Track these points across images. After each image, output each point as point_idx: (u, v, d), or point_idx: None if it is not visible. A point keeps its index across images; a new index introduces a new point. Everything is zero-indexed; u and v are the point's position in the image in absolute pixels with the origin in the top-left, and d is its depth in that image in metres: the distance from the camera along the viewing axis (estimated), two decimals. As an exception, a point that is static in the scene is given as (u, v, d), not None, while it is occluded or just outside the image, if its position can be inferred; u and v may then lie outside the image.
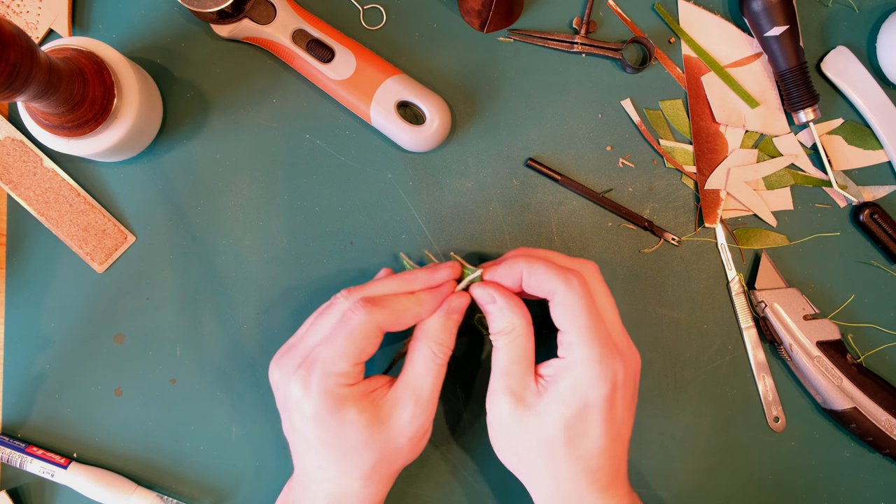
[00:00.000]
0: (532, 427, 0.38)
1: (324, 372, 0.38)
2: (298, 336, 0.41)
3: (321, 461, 0.39)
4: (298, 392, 0.38)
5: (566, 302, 0.38)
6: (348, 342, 0.38)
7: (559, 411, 0.38)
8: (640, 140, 0.51)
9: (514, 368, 0.39)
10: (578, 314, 0.38)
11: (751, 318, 0.50)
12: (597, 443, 0.38)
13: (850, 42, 0.51)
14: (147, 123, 0.47)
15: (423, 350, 0.40)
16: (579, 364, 0.38)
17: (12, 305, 0.49)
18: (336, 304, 0.40)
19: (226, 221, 0.50)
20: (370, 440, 0.38)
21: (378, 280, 0.41)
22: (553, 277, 0.39)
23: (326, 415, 0.38)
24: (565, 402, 0.38)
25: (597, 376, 0.37)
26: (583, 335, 0.38)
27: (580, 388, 0.37)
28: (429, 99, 0.47)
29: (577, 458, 0.38)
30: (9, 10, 0.49)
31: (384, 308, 0.38)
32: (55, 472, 0.47)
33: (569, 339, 0.38)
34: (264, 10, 0.48)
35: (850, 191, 0.51)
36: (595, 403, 0.38)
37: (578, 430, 0.38)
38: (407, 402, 0.39)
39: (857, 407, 0.48)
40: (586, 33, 0.50)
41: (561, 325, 0.39)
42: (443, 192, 0.50)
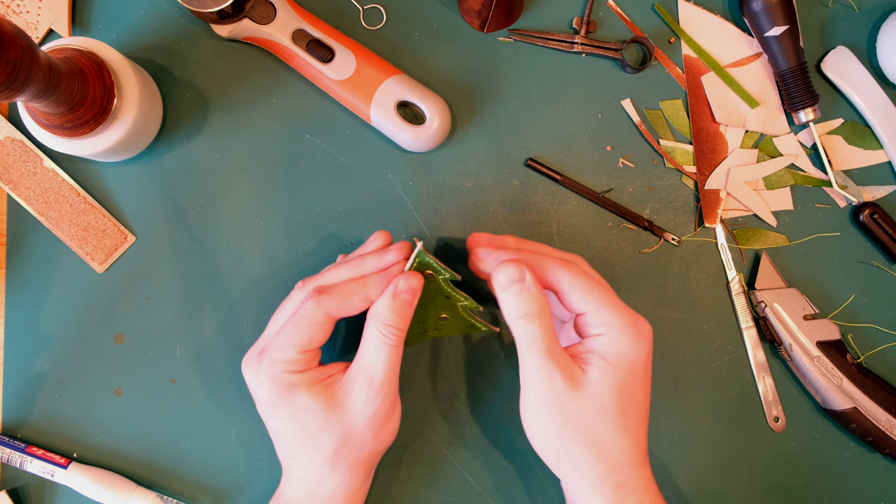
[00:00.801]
0: (589, 402, 0.38)
1: (271, 360, 0.39)
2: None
3: (288, 448, 0.41)
4: (251, 380, 0.40)
5: (577, 285, 0.39)
6: (294, 331, 0.39)
7: (612, 379, 0.38)
8: (640, 140, 0.51)
9: (556, 348, 0.38)
10: (595, 292, 0.39)
11: (751, 318, 0.50)
12: (642, 409, 0.39)
13: (850, 42, 0.51)
14: (147, 123, 0.47)
15: (372, 332, 0.39)
16: (616, 332, 0.38)
17: (12, 305, 0.49)
18: (291, 297, 0.42)
19: (226, 221, 0.50)
20: (327, 424, 0.39)
21: (331, 268, 0.42)
22: (556, 267, 0.40)
23: (278, 401, 0.39)
24: (615, 369, 0.38)
25: (635, 336, 0.38)
26: (608, 308, 0.39)
27: (625, 352, 0.38)
28: (429, 99, 0.47)
29: (629, 424, 0.39)
30: (9, 10, 0.49)
31: (332, 295, 0.39)
32: (55, 472, 0.47)
33: (594, 317, 0.39)
34: (264, 10, 0.48)
35: (850, 191, 0.51)
36: (638, 365, 0.39)
37: (630, 393, 0.39)
38: (361, 386, 0.39)
39: (857, 407, 0.48)
40: (586, 33, 0.50)
41: (580, 308, 0.39)
42: (443, 192, 0.50)
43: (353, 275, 0.41)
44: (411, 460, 0.49)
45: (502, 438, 0.49)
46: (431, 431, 0.49)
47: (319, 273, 0.42)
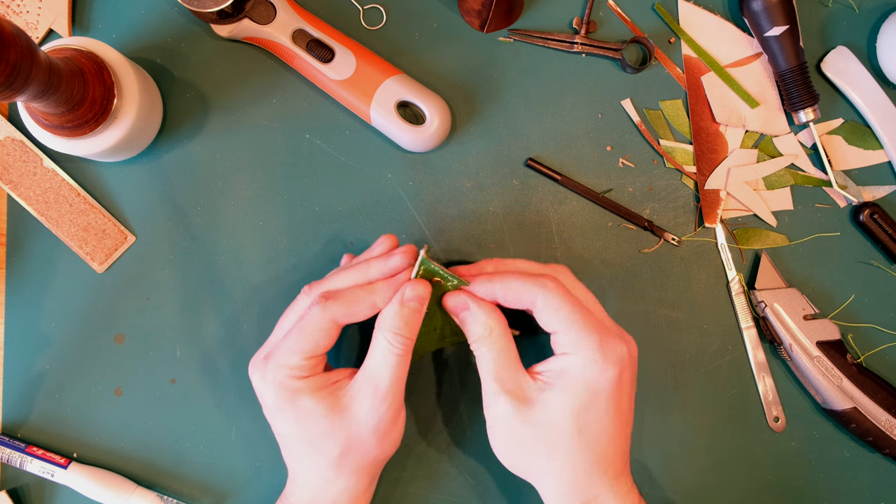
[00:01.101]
0: (540, 423, 0.38)
1: (276, 365, 0.39)
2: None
3: (294, 452, 0.41)
4: (258, 383, 0.40)
5: (549, 304, 0.38)
6: (300, 337, 0.39)
7: (567, 403, 0.38)
8: (640, 140, 0.51)
9: (505, 370, 0.39)
10: (565, 311, 0.38)
11: (751, 318, 0.50)
12: (608, 431, 0.38)
13: (850, 42, 0.51)
14: (147, 123, 0.47)
15: (379, 341, 0.39)
16: (582, 352, 0.38)
17: (12, 305, 0.49)
18: (297, 301, 0.42)
19: (226, 221, 0.50)
20: (332, 429, 0.39)
21: (337, 272, 0.42)
22: (528, 287, 0.39)
23: (283, 405, 0.39)
24: (573, 392, 0.38)
25: (602, 361, 0.37)
26: (577, 327, 0.38)
27: (587, 376, 0.38)
28: (429, 99, 0.47)
29: (588, 450, 0.38)
30: (9, 10, 0.49)
31: (337, 301, 0.39)
32: (55, 472, 0.47)
33: (564, 337, 0.38)
34: (264, 10, 0.48)
35: (850, 191, 0.51)
36: (604, 389, 0.38)
37: (589, 419, 0.38)
38: (366, 394, 0.39)
39: (857, 407, 0.48)
40: (586, 33, 0.50)
41: (551, 327, 0.39)
42: (443, 192, 0.50)
43: (360, 280, 0.41)
44: (414, 461, 0.49)
45: (502, 438, 0.49)
46: (434, 433, 0.49)
47: (326, 277, 0.42)
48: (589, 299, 0.42)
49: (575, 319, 0.38)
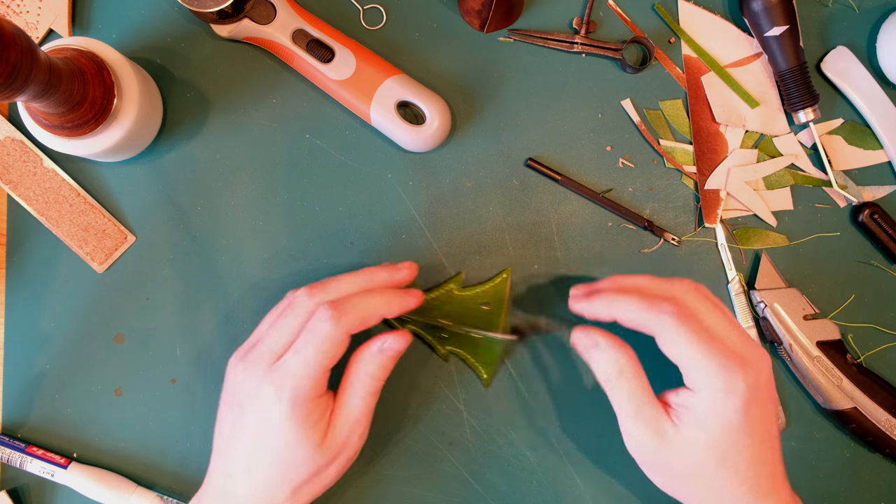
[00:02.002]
0: (680, 456, 0.39)
1: (296, 383, 0.38)
2: (259, 334, 0.41)
3: (255, 464, 0.39)
4: (270, 397, 0.38)
5: (666, 339, 0.38)
6: (318, 353, 0.38)
7: (701, 438, 0.38)
8: (640, 140, 0.51)
9: (642, 409, 0.39)
10: (682, 346, 0.38)
11: (751, 318, 0.50)
12: (746, 456, 0.38)
13: (850, 42, 0.51)
14: (147, 123, 0.47)
15: (358, 379, 0.40)
16: (705, 391, 0.38)
17: (12, 305, 0.49)
18: (297, 303, 0.40)
19: (226, 221, 0.50)
20: (311, 457, 0.39)
21: (339, 278, 0.41)
22: (647, 316, 0.39)
23: (289, 425, 0.38)
24: (705, 428, 0.38)
25: (724, 396, 0.37)
26: (696, 363, 0.38)
27: (715, 413, 0.37)
28: (429, 99, 0.47)
29: (729, 477, 0.38)
30: (9, 10, 0.49)
31: (350, 314, 0.39)
32: (55, 472, 0.47)
33: (686, 371, 0.38)
34: (264, 10, 0.48)
35: (850, 191, 0.51)
36: (734, 421, 0.37)
37: (726, 449, 0.38)
38: (344, 425, 0.40)
39: (857, 407, 0.48)
40: (586, 33, 0.50)
41: (673, 360, 0.39)
42: (443, 192, 0.50)
43: (365, 285, 0.41)
44: (411, 460, 0.49)
45: (502, 438, 0.49)
46: (431, 432, 0.49)
47: (326, 282, 0.41)
48: (713, 317, 0.40)
49: (692, 354, 0.38)
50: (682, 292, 0.40)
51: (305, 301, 0.40)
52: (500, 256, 0.50)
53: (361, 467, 0.49)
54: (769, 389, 0.40)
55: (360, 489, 0.49)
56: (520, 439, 0.49)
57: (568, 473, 0.49)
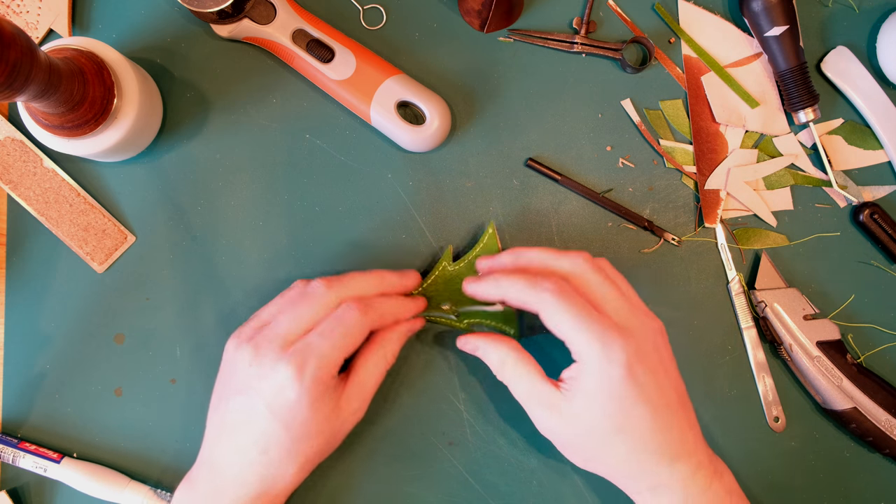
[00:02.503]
0: (578, 429, 0.40)
1: (321, 363, 0.39)
2: (267, 316, 0.43)
3: (271, 445, 0.40)
4: (288, 377, 0.39)
5: (547, 315, 0.39)
6: (345, 340, 0.40)
7: (593, 408, 0.39)
8: (640, 140, 0.51)
9: (533, 390, 0.41)
10: (562, 321, 0.39)
11: (751, 318, 0.50)
12: (644, 423, 0.39)
13: (850, 42, 0.51)
14: (147, 123, 0.47)
15: (378, 356, 0.43)
16: (588, 363, 0.38)
17: (12, 305, 0.49)
18: (316, 293, 0.41)
19: (226, 221, 0.50)
20: (324, 428, 0.41)
21: (353, 275, 0.43)
22: (526, 296, 0.40)
23: (307, 403, 0.39)
24: (594, 398, 0.39)
25: (607, 366, 0.38)
26: (576, 338, 0.39)
27: (600, 383, 0.38)
28: (429, 99, 0.47)
29: (632, 442, 0.39)
30: (9, 10, 0.49)
31: (374, 312, 0.42)
32: (48, 467, 0.47)
33: (570, 346, 0.39)
34: (264, 10, 0.48)
35: (850, 191, 0.51)
36: (620, 390, 0.38)
37: (620, 418, 0.39)
38: (356, 399, 0.42)
39: (857, 407, 0.48)
40: (586, 33, 0.50)
41: (558, 336, 0.40)
42: (443, 192, 0.50)
43: (380, 288, 0.44)
44: (411, 460, 0.49)
45: (503, 438, 0.49)
46: (431, 431, 0.49)
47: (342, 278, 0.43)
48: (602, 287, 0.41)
49: (573, 328, 0.38)
50: (571, 266, 0.41)
51: (324, 292, 0.42)
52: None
53: (362, 467, 0.49)
54: (658, 355, 0.40)
55: (360, 489, 0.49)
56: (520, 439, 0.49)
57: (568, 473, 0.49)
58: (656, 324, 0.42)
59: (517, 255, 0.43)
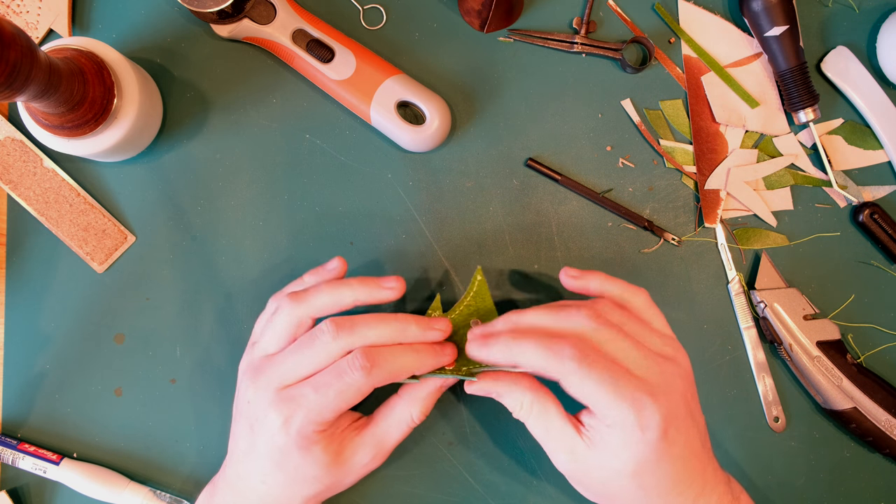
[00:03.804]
0: (597, 477, 0.38)
1: (307, 419, 0.38)
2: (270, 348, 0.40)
3: (268, 478, 0.40)
4: (276, 425, 0.38)
5: (572, 383, 0.37)
6: (339, 398, 0.38)
7: (617, 466, 0.37)
8: (640, 140, 0.51)
9: (549, 430, 0.39)
10: (588, 389, 0.36)
11: (751, 318, 0.50)
12: (668, 478, 0.37)
13: (850, 42, 0.51)
14: (147, 123, 0.47)
15: (404, 412, 0.41)
16: (617, 427, 0.36)
17: (12, 305, 0.49)
18: (321, 339, 0.38)
19: (226, 221, 0.50)
20: (324, 475, 0.40)
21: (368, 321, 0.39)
22: (546, 364, 0.37)
23: (296, 451, 0.38)
24: (620, 459, 0.37)
25: (640, 433, 0.36)
26: (606, 405, 0.36)
27: (630, 448, 0.36)
28: (429, 99, 0.47)
29: (655, 492, 0.38)
30: (9, 10, 0.49)
31: (383, 369, 0.38)
32: (47, 469, 0.47)
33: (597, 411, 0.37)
34: (264, 10, 0.48)
35: (850, 191, 0.51)
36: (650, 455, 0.36)
37: (644, 477, 0.37)
38: (369, 450, 0.41)
39: (857, 407, 0.48)
40: (586, 33, 0.50)
41: (579, 400, 0.37)
42: (443, 192, 0.50)
43: (396, 338, 0.40)
44: (411, 460, 0.49)
45: (503, 438, 0.49)
46: (432, 432, 0.49)
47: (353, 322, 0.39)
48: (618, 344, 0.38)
49: (601, 396, 0.36)
50: (580, 325, 0.38)
51: (329, 341, 0.38)
52: (500, 256, 0.50)
53: (361, 467, 0.49)
54: (688, 407, 0.38)
55: (360, 489, 0.49)
56: (520, 439, 0.49)
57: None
58: (679, 366, 0.39)
59: (514, 325, 0.40)
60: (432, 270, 0.50)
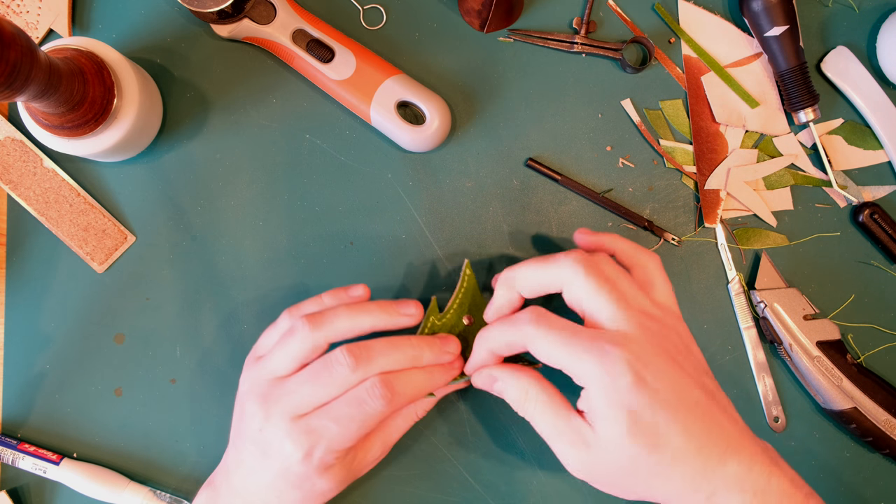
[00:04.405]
0: (611, 457, 0.36)
1: (329, 449, 0.38)
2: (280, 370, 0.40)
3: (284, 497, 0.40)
4: (297, 458, 0.38)
5: (533, 347, 0.37)
6: (362, 428, 0.38)
7: (617, 432, 0.35)
8: (640, 140, 0.51)
9: (558, 425, 0.37)
10: (547, 347, 0.36)
11: (751, 318, 0.50)
12: (672, 428, 0.34)
13: (850, 42, 0.51)
14: (147, 123, 0.47)
15: (409, 410, 0.43)
16: (589, 383, 0.35)
17: (12, 305, 0.49)
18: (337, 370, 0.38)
19: (226, 221, 0.50)
20: (340, 485, 0.41)
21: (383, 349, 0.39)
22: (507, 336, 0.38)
23: (315, 477, 0.39)
24: (614, 421, 0.35)
25: (608, 380, 0.35)
26: (568, 359, 0.36)
27: (608, 400, 0.35)
28: (429, 99, 0.47)
29: (669, 453, 0.35)
30: (9, 10, 0.49)
31: (402, 396, 0.39)
32: (47, 469, 0.47)
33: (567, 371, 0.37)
34: (264, 10, 0.48)
35: (850, 191, 0.51)
36: (631, 399, 0.34)
37: (645, 430, 0.35)
38: (378, 448, 0.43)
39: (857, 407, 0.48)
40: (586, 33, 0.50)
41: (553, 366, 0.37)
42: (443, 192, 0.50)
43: (413, 362, 0.40)
44: (411, 460, 0.49)
45: (502, 438, 0.49)
46: (432, 432, 0.49)
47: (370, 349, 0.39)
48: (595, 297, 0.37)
49: (563, 351, 0.36)
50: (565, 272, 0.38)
51: (348, 373, 0.38)
52: (500, 256, 0.50)
53: (361, 467, 0.49)
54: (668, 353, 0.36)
55: (360, 489, 0.49)
56: (520, 439, 0.49)
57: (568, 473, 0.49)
58: (668, 318, 0.38)
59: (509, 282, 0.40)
60: (432, 270, 0.50)
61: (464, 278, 0.44)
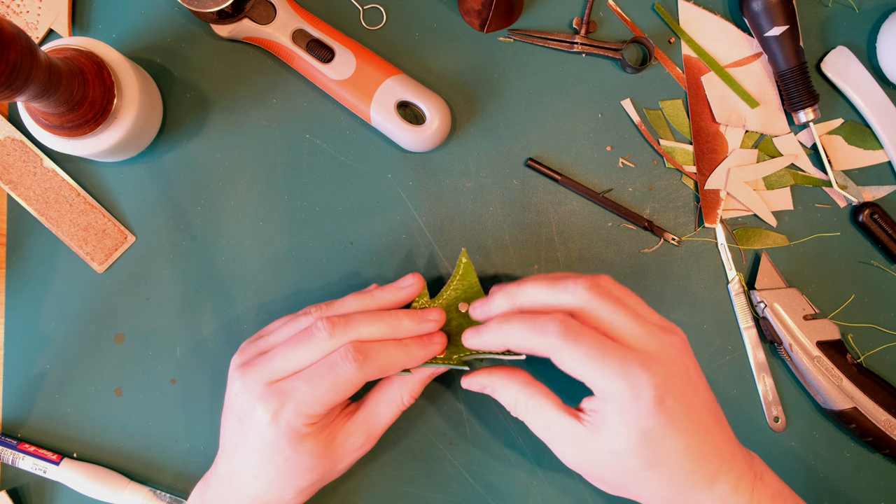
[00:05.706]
0: (606, 463, 0.37)
1: (297, 412, 0.38)
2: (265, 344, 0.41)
3: (260, 473, 0.40)
4: (265, 419, 0.38)
5: (559, 359, 0.37)
6: (331, 391, 0.38)
7: (621, 446, 0.36)
8: (640, 140, 0.51)
9: (549, 425, 0.38)
10: (576, 363, 0.36)
11: (751, 318, 0.50)
12: (678, 453, 0.36)
13: (850, 42, 0.51)
14: (147, 123, 0.47)
15: (394, 395, 0.42)
16: (612, 402, 0.36)
17: (12, 305, 0.49)
18: (316, 336, 0.39)
19: (226, 221, 0.50)
20: (317, 465, 0.40)
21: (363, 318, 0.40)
22: (532, 342, 0.37)
23: (286, 446, 0.39)
24: (622, 437, 0.36)
25: (634, 403, 0.35)
26: (595, 375, 0.36)
27: (628, 421, 0.35)
28: (429, 99, 0.47)
29: (667, 472, 0.36)
30: (9, 10, 0.49)
31: (374, 363, 0.38)
32: (47, 469, 0.47)
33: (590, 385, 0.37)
34: (264, 10, 0.48)
35: (850, 191, 0.51)
36: (651, 426, 0.35)
37: (651, 453, 0.36)
38: (360, 435, 0.41)
39: (857, 407, 0.48)
40: (586, 33, 0.50)
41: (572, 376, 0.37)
42: (443, 192, 0.50)
43: (390, 333, 0.40)
44: (411, 460, 0.49)
45: (503, 438, 0.49)
46: (431, 431, 0.49)
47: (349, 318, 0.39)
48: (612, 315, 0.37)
49: (590, 369, 0.36)
50: (573, 299, 0.37)
51: (325, 337, 0.38)
52: (500, 256, 0.50)
53: (361, 467, 0.49)
54: (686, 375, 0.37)
55: (358, 488, 0.49)
56: (520, 439, 0.49)
57: (569, 473, 0.49)
58: (677, 337, 0.38)
59: (512, 296, 0.39)
60: (432, 270, 0.50)
61: (459, 266, 0.44)
